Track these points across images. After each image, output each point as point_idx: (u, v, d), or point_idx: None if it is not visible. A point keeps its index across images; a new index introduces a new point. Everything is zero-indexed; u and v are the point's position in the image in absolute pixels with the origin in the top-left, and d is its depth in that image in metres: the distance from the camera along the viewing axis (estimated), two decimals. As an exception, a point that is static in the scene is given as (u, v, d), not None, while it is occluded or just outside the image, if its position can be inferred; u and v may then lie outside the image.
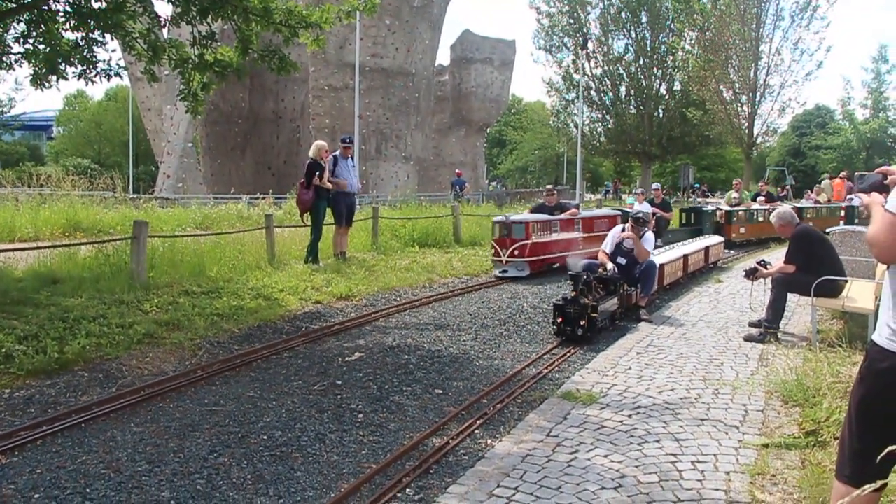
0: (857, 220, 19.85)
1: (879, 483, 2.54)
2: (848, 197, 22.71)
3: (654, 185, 18.71)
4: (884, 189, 2.79)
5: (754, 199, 20.64)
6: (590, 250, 12.98)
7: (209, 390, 5.81)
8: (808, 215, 19.29)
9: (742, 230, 18.48)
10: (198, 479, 4.14)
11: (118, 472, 4.20)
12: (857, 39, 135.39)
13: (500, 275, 11.80)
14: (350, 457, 4.53)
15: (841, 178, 25.00)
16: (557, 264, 12.54)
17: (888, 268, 2.74)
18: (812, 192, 25.44)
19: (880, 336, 2.70)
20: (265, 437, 4.78)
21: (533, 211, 13.59)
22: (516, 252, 11.86)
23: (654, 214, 14.89)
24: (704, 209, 18.72)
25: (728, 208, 18.90)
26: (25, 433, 4.70)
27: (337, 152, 11.86)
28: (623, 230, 9.28)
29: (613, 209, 16.41)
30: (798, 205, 20.75)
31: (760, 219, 19.45)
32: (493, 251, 12.28)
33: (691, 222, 18.41)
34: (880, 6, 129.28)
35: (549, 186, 15.23)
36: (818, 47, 38.56)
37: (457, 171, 33.43)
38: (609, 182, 62.84)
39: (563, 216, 13.07)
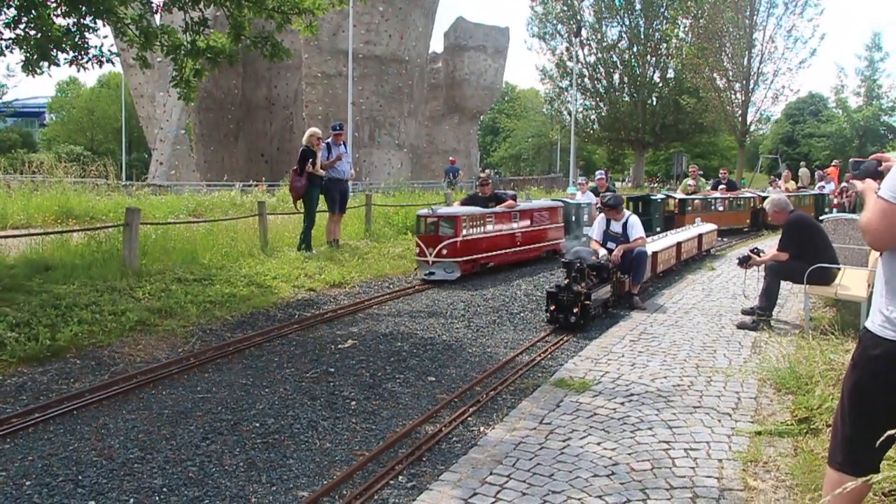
0: (826, 209, 19.59)
1: (878, 477, 2.55)
2: (819, 185, 22.59)
3: (598, 174, 17.13)
4: (878, 176, 2.78)
5: (715, 188, 19.31)
6: (530, 246, 12.17)
7: (201, 377, 5.80)
8: None
9: (697, 221, 16.39)
10: (190, 466, 4.13)
11: (110, 459, 4.19)
12: (850, 27, 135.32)
13: (426, 278, 10.32)
14: (342, 444, 4.53)
15: (834, 166, 24.94)
16: (492, 264, 11.20)
17: (881, 255, 2.73)
18: (780, 179, 24.67)
19: (873, 323, 2.70)
20: (257, 425, 4.78)
21: (464, 203, 11.89)
22: (444, 251, 10.31)
23: (597, 205, 13.46)
24: (654, 198, 17.00)
25: (682, 197, 17.50)
26: (17, 420, 4.69)
27: (329, 140, 11.83)
28: (609, 223, 9.14)
29: (554, 200, 14.95)
30: (763, 193, 19.66)
31: (720, 208, 18.17)
32: (417, 250, 10.65)
33: (639, 213, 16.50)
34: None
35: (482, 175, 13.49)
36: (812, 35, 38.76)
37: (450, 158, 33.46)
38: (601, 171, 62.71)
39: (498, 209, 11.44)
